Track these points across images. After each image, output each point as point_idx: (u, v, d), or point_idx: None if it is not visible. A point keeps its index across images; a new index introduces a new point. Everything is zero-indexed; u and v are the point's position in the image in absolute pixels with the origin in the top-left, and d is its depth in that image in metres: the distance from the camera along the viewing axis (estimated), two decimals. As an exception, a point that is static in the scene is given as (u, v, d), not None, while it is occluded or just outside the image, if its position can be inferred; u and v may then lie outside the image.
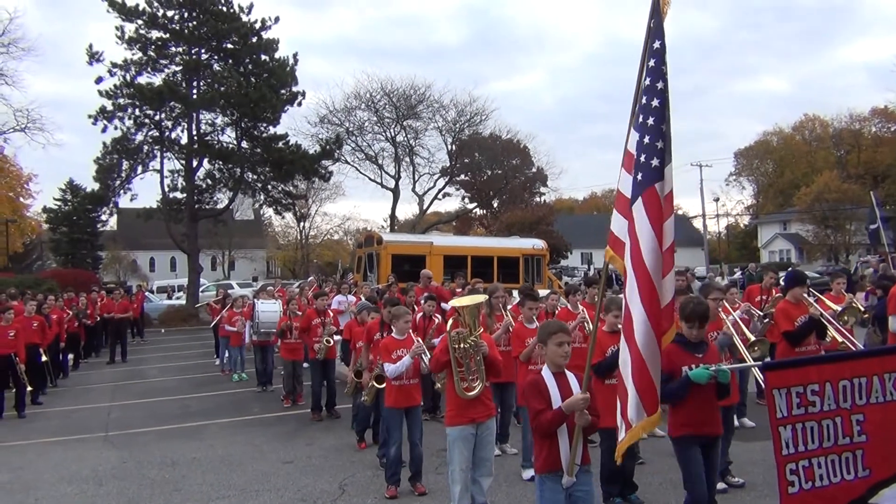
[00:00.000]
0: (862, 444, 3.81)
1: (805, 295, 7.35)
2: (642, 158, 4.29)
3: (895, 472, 3.86)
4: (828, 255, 59.14)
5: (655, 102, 4.25)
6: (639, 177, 4.30)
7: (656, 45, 4.27)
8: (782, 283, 8.47)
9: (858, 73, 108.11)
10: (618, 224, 4.53)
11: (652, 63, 4.28)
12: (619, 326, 6.35)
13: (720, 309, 6.90)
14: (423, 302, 10.24)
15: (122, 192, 35.43)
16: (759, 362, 5.92)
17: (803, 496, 3.73)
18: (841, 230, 58.03)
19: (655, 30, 4.29)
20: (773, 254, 67.81)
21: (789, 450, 3.71)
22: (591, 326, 7.76)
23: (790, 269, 17.77)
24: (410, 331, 7.14)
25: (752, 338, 7.06)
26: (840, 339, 7.32)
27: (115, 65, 32.79)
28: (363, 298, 12.90)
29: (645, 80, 4.31)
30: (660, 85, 4.26)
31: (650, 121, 4.26)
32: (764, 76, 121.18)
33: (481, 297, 6.52)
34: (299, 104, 36.11)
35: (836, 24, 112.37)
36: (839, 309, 7.63)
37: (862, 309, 8.29)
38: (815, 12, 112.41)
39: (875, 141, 67.52)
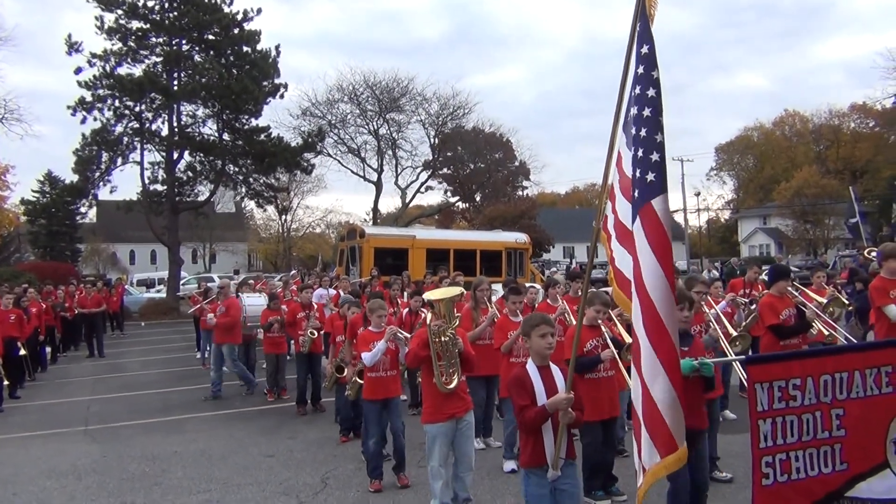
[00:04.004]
0: (840, 439, 3.84)
1: (789, 288, 7.43)
2: (637, 174, 3.97)
3: (872, 466, 3.90)
4: (807, 250, 59.73)
5: (647, 112, 3.94)
6: (635, 194, 3.98)
7: (644, 50, 3.95)
8: (766, 276, 8.55)
9: (835, 71, 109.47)
10: (620, 255, 4.23)
11: (641, 70, 3.96)
12: (599, 322, 6.42)
13: (703, 302, 6.94)
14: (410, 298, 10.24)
15: (101, 184, 34.99)
16: (742, 356, 5.96)
17: (778, 489, 3.75)
18: (820, 225, 58.59)
19: (642, 34, 3.97)
20: (753, 248, 68.37)
21: (767, 443, 3.73)
22: (571, 319, 7.81)
23: (774, 262, 17.97)
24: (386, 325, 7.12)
25: (734, 333, 7.12)
26: (827, 331, 7.37)
27: (94, 55, 32.36)
28: (342, 293, 12.87)
29: (634, 88, 4.00)
30: (651, 93, 3.94)
31: (643, 132, 3.95)
32: (743, 73, 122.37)
33: (456, 290, 6.46)
34: (281, 96, 35.87)
35: (812, 22, 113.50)
36: (825, 301, 7.71)
37: (846, 301, 8.40)
38: (793, 10, 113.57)
39: (854, 136, 68.10)
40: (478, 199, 58.87)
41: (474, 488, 6.27)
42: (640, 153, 3.95)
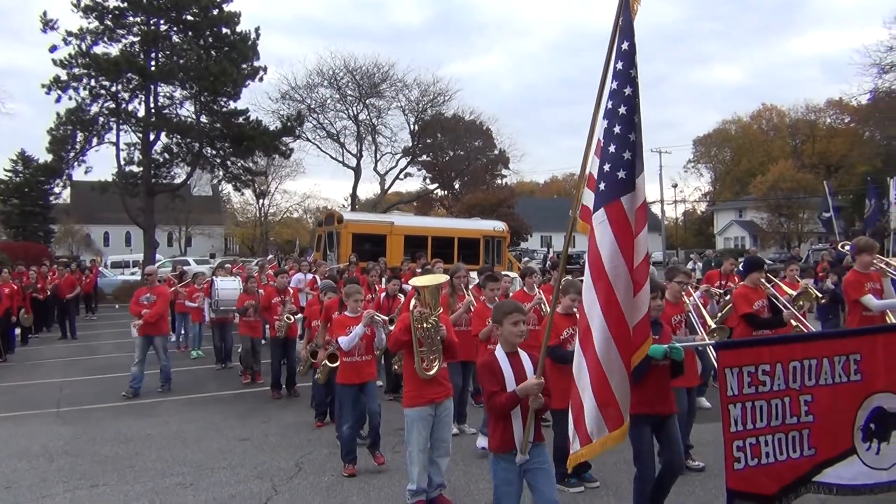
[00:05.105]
0: (809, 424, 3.92)
1: (762, 280, 7.54)
2: (606, 168, 3.97)
3: (840, 452, 3.98)
4: (781, 243, 60.49)
5: (623, 109, 3.92)
6: (601, 186, 3.99)
7: (625, 46, 3.94)
8: (740, 268, 8.66)
9: (811, 67, 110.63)
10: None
11: (620, 66, 3.95)
12: (575, 310, 6.46)
13: (684, 292, 7.01)
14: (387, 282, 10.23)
15: (76, 164, 34.53)
16: (713, 341, 6.04)
17: (749, 472, 3.83)
18: (794, 219, 59.34)
19: (624, 29, 3.96)
20: (729, 240, 69.12)
21: (737, 427, 3.81)
22: (547, 308, 7.86)
23: (747, 254, 18.21)
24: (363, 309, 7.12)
25: (713, 325, 7.21)
26: (795, 324, 7.47)
27: (70, 33, 31.80)
28: (318, 278, 12.85)
29: (612, 83, 3.99)
30: (627, 90, 3.92)
31: (617, 129, 3.94)
32: (722, 66, 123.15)
33: (442, 277, 6.52)
34: (261, 79, 35.55)
35: (789, 17, 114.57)
36: (794, 294, 7.82)
37: (818, 294, 8.52)
38: (771, 4, 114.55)
39: (829, 132, 68.88)
40: (456, 186, 58.88)
41: (449, 474, 6.30)
42: (612, 149, 3.98)
